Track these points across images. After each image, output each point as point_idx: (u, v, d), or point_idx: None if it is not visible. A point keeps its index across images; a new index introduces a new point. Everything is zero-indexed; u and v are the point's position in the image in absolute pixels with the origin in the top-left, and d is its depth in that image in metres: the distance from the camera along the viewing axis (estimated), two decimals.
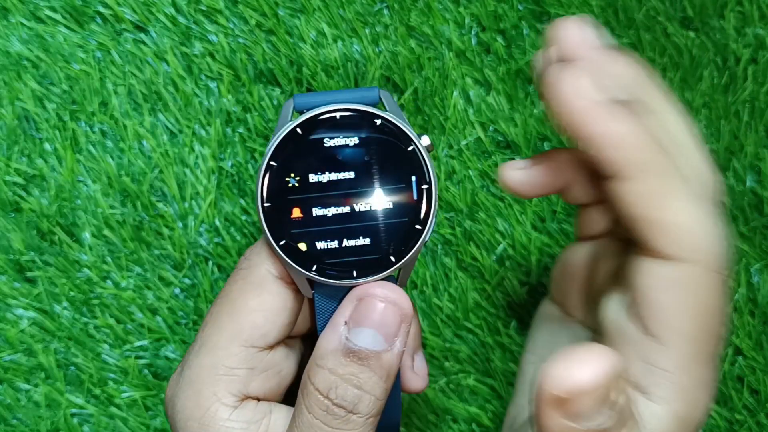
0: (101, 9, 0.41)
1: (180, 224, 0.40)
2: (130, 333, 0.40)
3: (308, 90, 0.41)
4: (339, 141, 0.25)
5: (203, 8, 0.41)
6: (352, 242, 0.25)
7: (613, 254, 0.28)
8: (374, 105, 0.25)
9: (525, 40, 0.41)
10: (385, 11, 0.41)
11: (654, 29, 0.40)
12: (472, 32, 0.41)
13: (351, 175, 0.25)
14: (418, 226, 0.25)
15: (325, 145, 0.25)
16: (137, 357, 0.40)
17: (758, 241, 0.39)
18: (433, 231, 0.26)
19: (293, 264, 0.25)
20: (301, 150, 0.25)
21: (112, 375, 0.40)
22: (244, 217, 0.41)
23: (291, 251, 0.25)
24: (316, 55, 0.41)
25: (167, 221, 0.40)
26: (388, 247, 0.25)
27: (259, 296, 0.26)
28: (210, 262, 0.40)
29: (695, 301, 0.23)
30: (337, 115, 0.25)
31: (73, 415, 0.40)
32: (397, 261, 0.25)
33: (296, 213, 0.25)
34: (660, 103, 0.24)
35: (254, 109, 0.41)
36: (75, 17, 0.41)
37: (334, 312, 0.25)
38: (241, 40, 0.41)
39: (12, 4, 0.41)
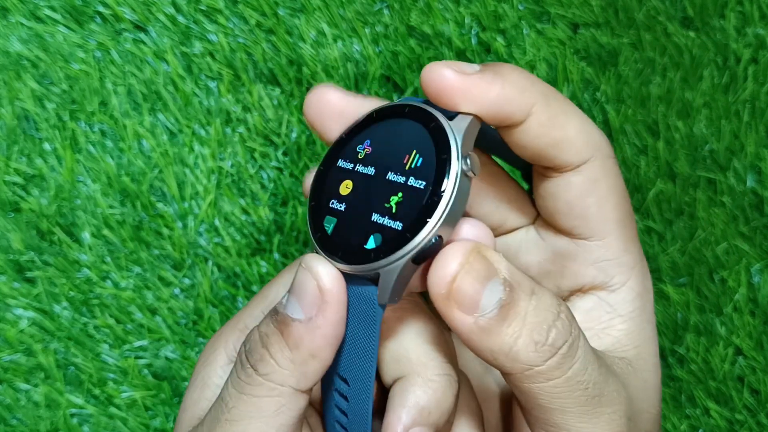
0: (101, 9, 0.41)
1: (180, 224, 0.40)
2: (129, 333, 0.40)
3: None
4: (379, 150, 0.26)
5: (203, 8, 0.41)
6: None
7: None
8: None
9: (525, 40, 0.41)
10: (385, 11, 0.41)
11: (654, 29, 0.40)
12: (473, 32, 0.41)
13: (382, 189, 0.26)
14: (408, 234, 0.25)
15: (365, 152, 0.26)
16: (137, 357, 0.40)
17: (758, 241, 0.39)
18: (423, 245, 0.25)
19: (321, 250, 0.26)
20: (343, 153, 0.26)
21: (111, 375, 0.40)
22: (243, 217, 0.41)
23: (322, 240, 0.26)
24: (316, 54, 0.41)
25: (167, 221, 0.40)
26: (377, 245, 0.25)
27: (291, 271, 0.28)
28: (210, 262, 0.40)
29: (608, 188, 0.27)
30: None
31: (72, 415, 0.40)
32: (375, 260, 0.25)
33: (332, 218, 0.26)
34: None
35: (254, 108, 0.41)
36: (74, 17, 0.41)
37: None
38: (241, 39, 0.41)
39: (12, 3, 0.41)
